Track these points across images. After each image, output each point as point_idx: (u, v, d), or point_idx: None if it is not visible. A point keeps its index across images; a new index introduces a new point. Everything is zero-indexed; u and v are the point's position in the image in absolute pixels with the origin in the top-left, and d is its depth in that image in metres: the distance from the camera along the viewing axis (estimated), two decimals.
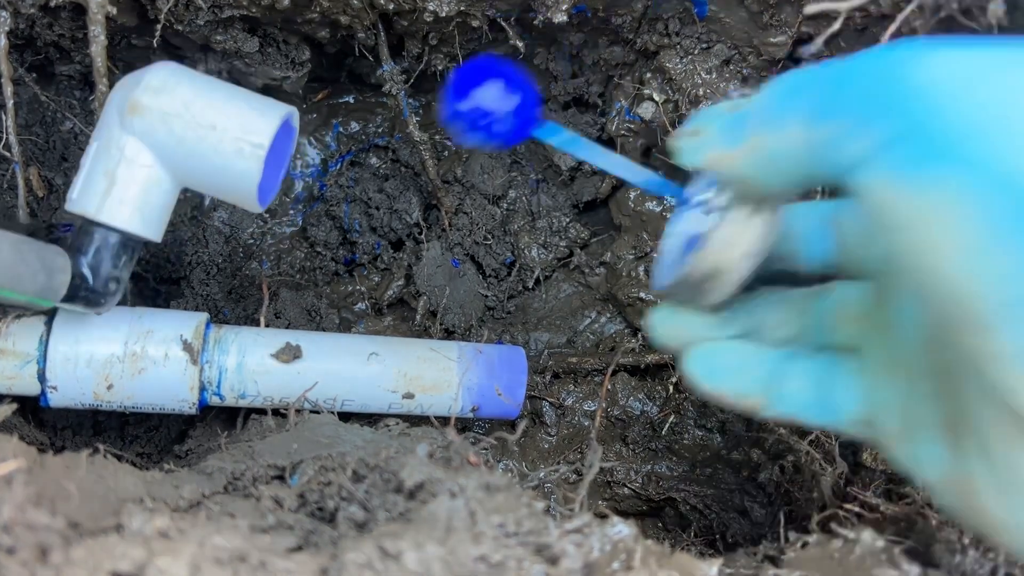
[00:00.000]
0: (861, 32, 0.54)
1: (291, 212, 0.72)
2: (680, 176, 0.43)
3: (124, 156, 0.46)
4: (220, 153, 0.46)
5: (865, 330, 0.37)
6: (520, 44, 0.60)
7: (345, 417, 0.55)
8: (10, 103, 0.56)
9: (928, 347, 0.31)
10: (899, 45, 0.27)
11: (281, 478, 0.46)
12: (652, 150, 0.66)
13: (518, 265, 0.71)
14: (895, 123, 0.26)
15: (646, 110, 0.63)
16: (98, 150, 0.47)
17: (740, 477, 0.62)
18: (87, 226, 0.47)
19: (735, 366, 0.39)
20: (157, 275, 0.68)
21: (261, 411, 0.56)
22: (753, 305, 0.41)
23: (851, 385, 0.36)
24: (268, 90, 0.64)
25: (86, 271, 0.47)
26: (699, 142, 0.34)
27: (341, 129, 0.73)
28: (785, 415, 0.38)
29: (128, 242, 0.48)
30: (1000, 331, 0.25)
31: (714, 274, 0.37)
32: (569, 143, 0.40)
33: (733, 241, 0.36)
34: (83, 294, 0.47)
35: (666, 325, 0.41)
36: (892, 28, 0.47)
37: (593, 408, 0.65)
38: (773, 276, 0.41)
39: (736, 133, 0.33)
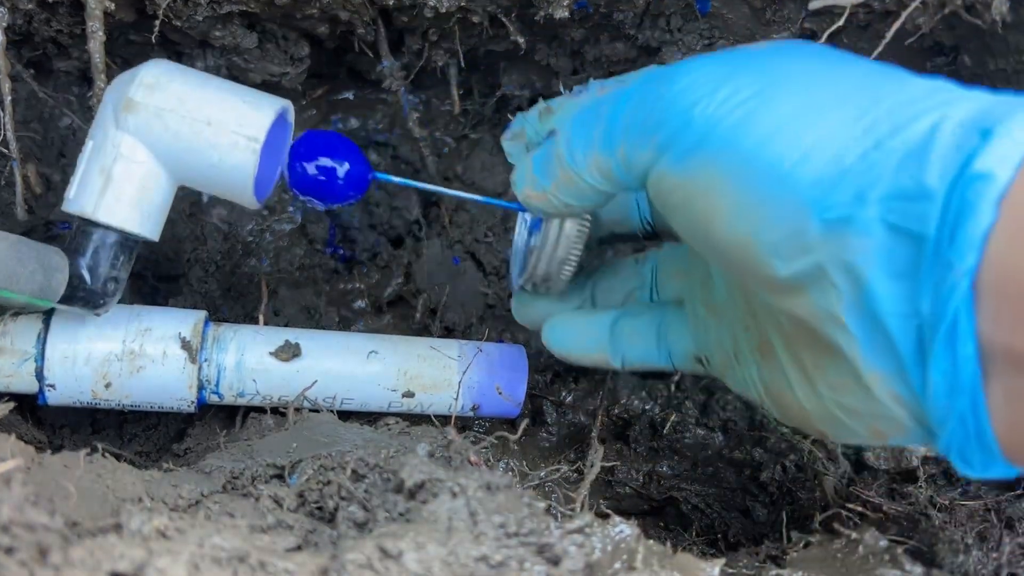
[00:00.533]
0: (864, 28, 0.54)
1: (290, 209, 0.71)
2: None
3: (120, 154, 0.46)
4: (216, 148, 0.46)
5: (686, 284, 0.46)
6: (521, 40, 0.60)
7: (344, 416, 0.55)
8: (8, 99, 0.55)
9: (731, 292, 0.40)
10: (654, 69, 0.36)
11: (280, 477, 0.46)
12: None
13: None
14: (663, 133, 0.34)
15: None
16: (94, 149, 0.47)
17: (742, 476, 0.61)
18: (84, 226, 0.47)
19: (577, 331, 0.48)
20: (155, 273, 0.67)
21: (260, 410, 0.56)
22: (594, 279, 0.51)
23: (681, 331, 0.44)
24: (267, 86, 0.64)
25: (84, 271, 0.47)
26: (518, 177, 0.42)
27: (340, 125, 0.72)
28: (632, 365, 0.46)
29: (126, 241, 0.48)
30: (769, 266, 0.32)
31: (547, 278, 0.47)
32: (405, 183, 0.51)
33: (552, 253, 0.46)
34: (81, 294, 0.47)
35: (524, 310, 0.52)
36: (896, 25, 0.47)
37: (594, 407, 0.65)
38: (620, 237, 0.50)
39: (546, 172, 0.40)
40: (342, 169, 0.49)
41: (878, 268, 0.29)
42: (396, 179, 0.50)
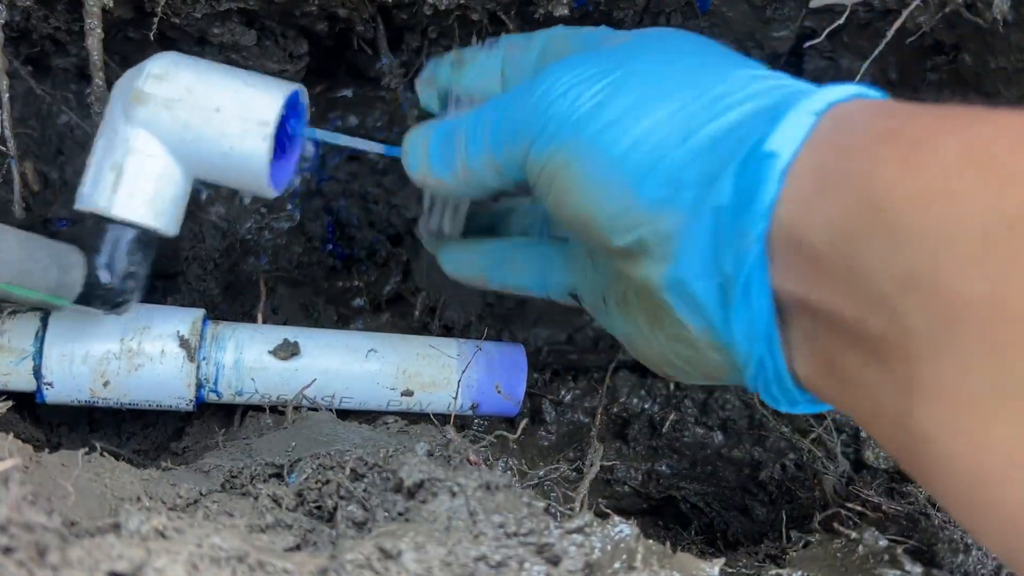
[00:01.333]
0: (865, 27, 0.54)
1: (289, 207, 0.71)
2: None
3: (130, 147, 0.46)
4: (226, 135, 0.46)
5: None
6: None
7: (343, 415, 0.55)
8: (5, 96, 0.55)
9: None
10: (536, 79, 0.40)
11: (279, 476, 0.45)
12: None
13: None
14: (529, 134, 0.40)
15: None
16: (104, 145, 0.47)
17: (741, 475, 0.61)
18: (99, 223, 0.46)
19: (467, 253, 0.52)
20: (153, 270, 0.67)
21: (259, 408, 0.56)
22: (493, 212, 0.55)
23: (561, 269, 0.49)
24: None
25: (101, 270, 0.46)
26: (412, 159, 0.46)
27: (339, 123, 0.72)
28: (510, 287, 0.51)
29: (142, 237, 0.47)
30: (607, 238, 0.37)
31: (441, 232, 0.50)
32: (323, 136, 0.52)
33: (444, 214, 0.50)
34: (100, 293, 0.46)
35: (452, 257, 0.54)
36: (897, 23, 0.47)
37: (593, 405, 0.65)
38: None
39: (445, 163, 0.45)
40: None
41: (685, 242, 0.34)
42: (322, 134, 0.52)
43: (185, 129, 0.46)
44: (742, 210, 0.31)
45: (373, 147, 0.52)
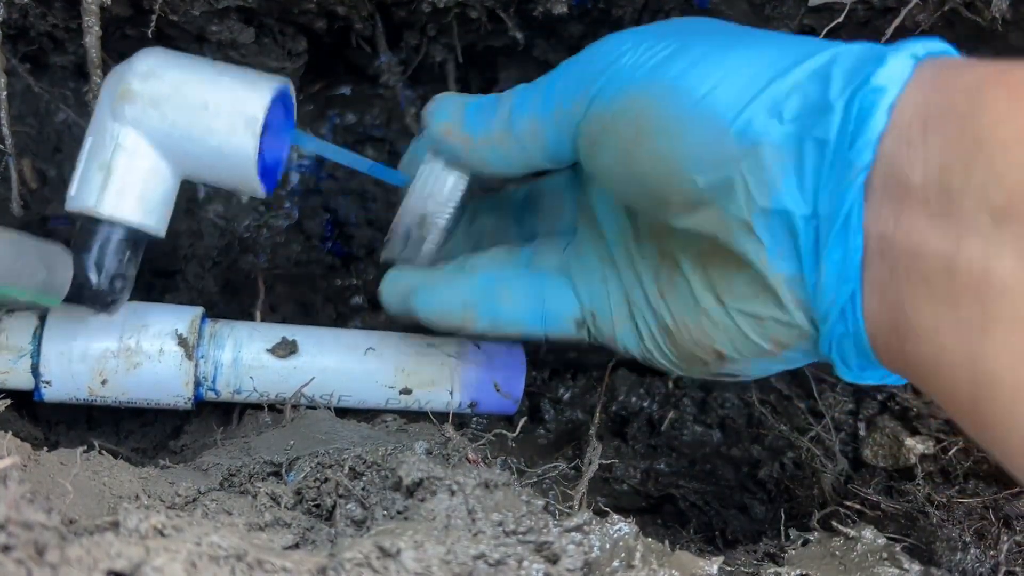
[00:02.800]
0: (864, 25, 0.53)
1: (287, 205, 0.71)
2: None
3: (118, 146, 0.46)
4: (214, 132, 0.45)
5: (577, 225, 0.48)
6: (519, 36, 0.60)
7: (342, 413, 0.55)
8: (3, 94, 0.55)
9: (639, 238, 0.43)
10: (594, 44, 0.40)
11: (278, 475, 0.45)
12: None
13: None
14: (594, 85, 0.39)
15: None
16: (92, 144, 0.46)
17: (740, 474, 0.62)
18: (87, 223, 0.46)
19: (446, 290, 0.48)
20: (151, 268, 0.67)
21: (257, 407, 0.56)
22: (475, 226, 0.53)
23: (564, 293, 0.46)
24: None
25: (90, 270, 0.46)
26: (438, 109, 0.44)
27: (337, 121, 0.72)
28: (499, 328, 0.47)
29: (131, 236, 0.47)
30: (689, 179, 0.35)
31: (422, 222, 0.45)
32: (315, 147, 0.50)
33: (432, 191, 0.45)
34: (88, 293, 0.46)
35: (395, 284, 0.50)
36: (896, 22, 0.47)
37: (592, 404, 0.65)
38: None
39: (480, 121, 0.43)
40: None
41: (785, 175, 0.33)
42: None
43: (173, 126, 0.46)
44: (849, 143, 0.31)
45: (359, 163, 0.50)
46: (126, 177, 0.46)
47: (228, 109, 0.45)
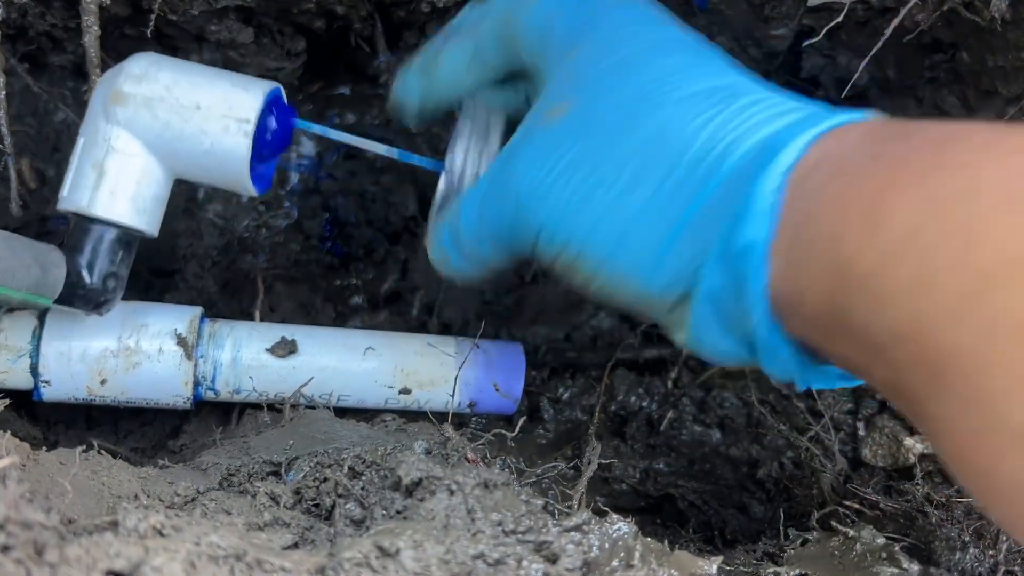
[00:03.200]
0: (863, 25, 0.53)
1: (286, 205, 0.71)
2: None
3: (111, 147, 0.46)
4: (207, 133, 0.46)
5: None
6: None
7: (341, 413, 0.55)
8: (2, 94, 0.55)
9: None
10: (507, 179, 0.39)
11: (277, 474, 0.45)
12: None
13: None
14: (528, 235, 0.38)
15: None
16: (85, 145, 0.47)
17: (739, 473, 0.62)
18: (80, 223, 0.46)
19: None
20: (151, 268, 0.67)
21: (256, 406, 0.56)
22: None
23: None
24: None
25: (83, 269, 0.46)
26: (441, 259, 0.45)
27: (337, 121, 0.72)
28: None
29: (123, 236, 0.47)
30: (644, 315, 0.38)
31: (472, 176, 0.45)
32: (323, 131, 0.50)
33: (472, 141, 0.45)
34: (81, 293, 0.46)
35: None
36: (895, 22, 0.47)
37: (591, 403, 0.65)
38: None
39: (466, 264, 0.44)
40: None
41: (699, 320, 0.34)
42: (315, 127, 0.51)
43: (165, 128, 0.46)
44: (739, 295, 0.32)
45: (374, 147, 0.50)
46: (119, 178, 0.46)
47: (220, 111, 0.46)
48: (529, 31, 0.42)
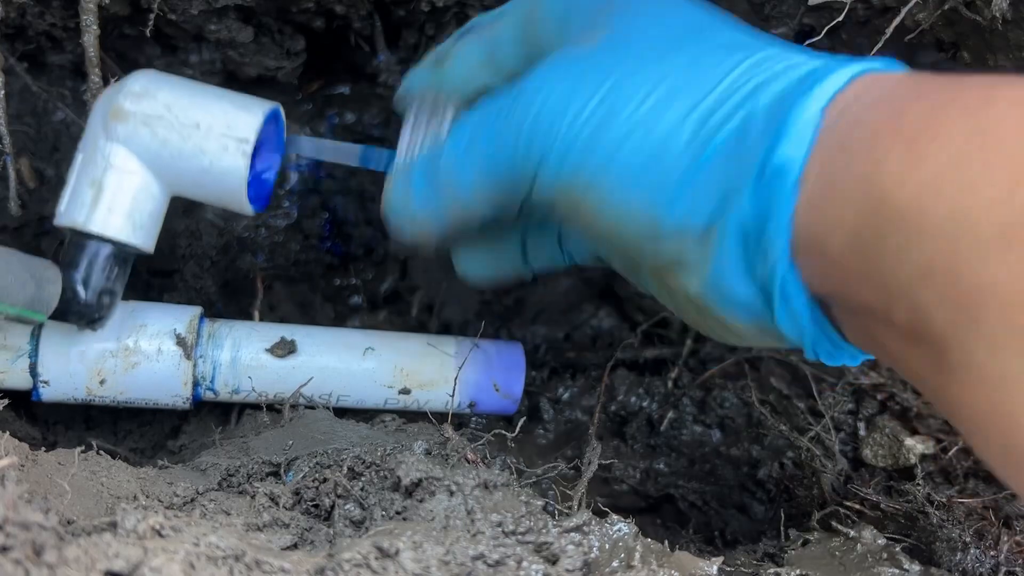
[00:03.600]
0: (864, 24, 0.53)
1: (285, 204, 0.71)
2: None
3: (110, 164, 0.46)
4: (206, 152, 0.46)
5: None
6: None
7: (340, 413, 0.55)
8: (1, 93, 0.55)
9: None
10: (525, 92, 0.37)
11: (276, 475, 0.45)
12: None
13: None
14: (533, 157, 0.36)
15: None
16: (84, 161, 0.47)
17: (739, 474, 0.61)
18: (77, 238, 0.47)
19: (489, 253, 0.48)
20: (150, 268, 0.67)
21: (256, 407, 0.56)
22: None
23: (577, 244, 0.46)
24: (262, 80, 0.63)
25: (78, 285, 0.46)
26: (407, 220, 0.42)
27: (336, 120, 0.72)
28: (538, 269, 0.47)
29: (120, 253, 0.47)
30: (648, 256, 0.36)
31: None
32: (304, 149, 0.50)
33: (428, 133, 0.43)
34: (76, 308, 0.47)
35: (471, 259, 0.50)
36: (896, 21, 0.47)
37: (591, 404, 0.65)
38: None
39: (432, 196, 0.41)
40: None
41: (719, 253, 0.33)
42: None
43: (164, 146, 0.46)
44: (764, 224, 0.31)
45: (351, 158, 0.49)
46: (116, 195, 0.46)
47: (220, 131, 0.46)
48: (550, 19, 0.41)
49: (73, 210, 0.46)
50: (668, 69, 0.35)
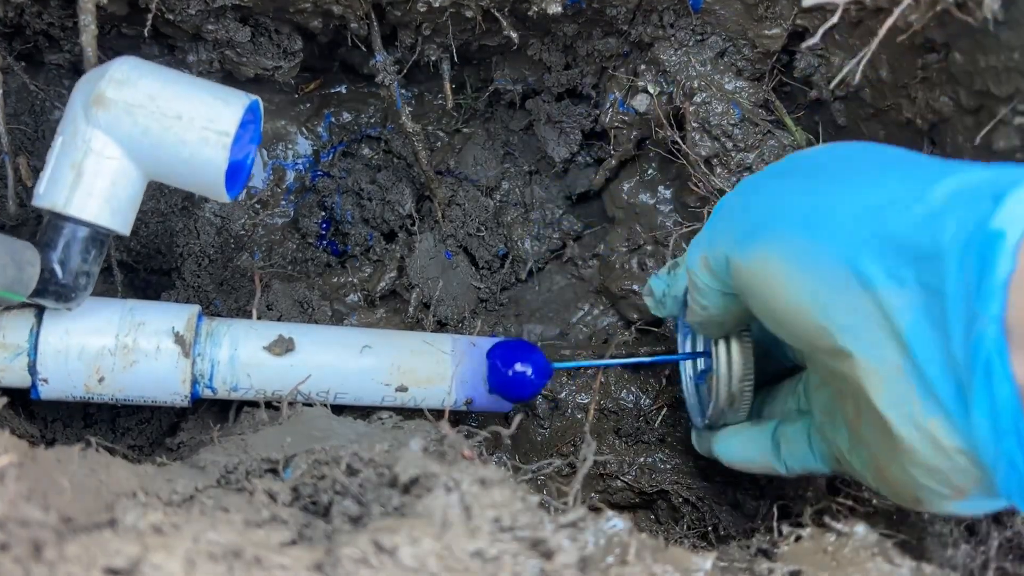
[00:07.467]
0: (856, 25, 0.54)
1: (283, 203, 0.71)
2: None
3: (90, 149, 0.47)
4: (186, 143, 0.47)
5: (817, 395, 0.47)
6: (514, 35, 0.60)
7: (338, 410, 0.55)
8: None
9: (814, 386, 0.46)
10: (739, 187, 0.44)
11: (274, 472, 0.46)
12: (646, 142, 0.66)
13: (511, 257, 0.70)
14: (733, 229, 0.40)
15: (640, 102, 0.63)
16: (64, 144, 0.47)
17: (733, 470, 0.62)
18: (55, 220, 0.47)
19: (743, 443, 0.51)
20: (148, 266, 0.67)
21: (254, 404, 0.56)
22: (758, 400, 0.54)
23: (819, 436, 0.45)
24: (260, 80, 0.64)
25: (56, 266, 0.47)
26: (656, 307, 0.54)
27: (333, 119, 0.72)
28: (794, 470, 0.48)
29: (97, 235, 0.48)
30: (822, 328, 0.36)
31: (732, 400, 0.51)
32: (581, 364, 0.62)
33: (728, 374, 0.50)
34: (53, 288, 0.47)
35: (702, 442, 0.55)
36: (888, 22, 0.47)
37: (586, 401, 0.65)
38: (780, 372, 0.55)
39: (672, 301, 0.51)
40: (531, 368, 0.56)
41: (911, 319, 0.32)
42: (575, 364, 0.61)
43: (145, 134, 0.47)
44: (973, 290, 0.30)
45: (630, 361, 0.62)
46: (95, 179, 0.47)
47: (201, 122, 0.47)
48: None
49: (52, 192, 0.47)
50: (868, 166, 0.38)
